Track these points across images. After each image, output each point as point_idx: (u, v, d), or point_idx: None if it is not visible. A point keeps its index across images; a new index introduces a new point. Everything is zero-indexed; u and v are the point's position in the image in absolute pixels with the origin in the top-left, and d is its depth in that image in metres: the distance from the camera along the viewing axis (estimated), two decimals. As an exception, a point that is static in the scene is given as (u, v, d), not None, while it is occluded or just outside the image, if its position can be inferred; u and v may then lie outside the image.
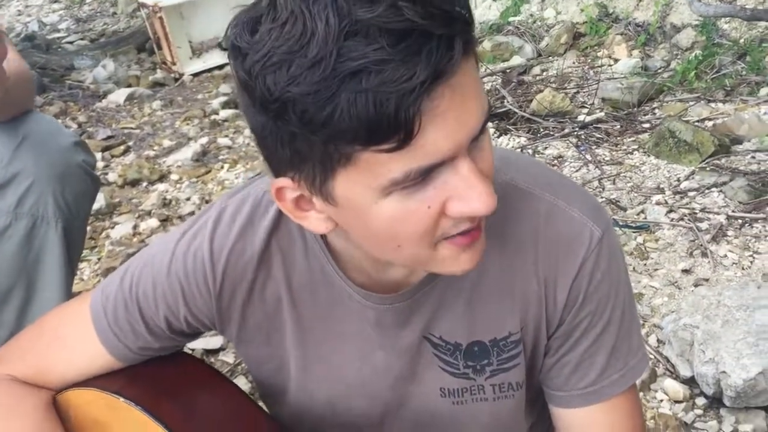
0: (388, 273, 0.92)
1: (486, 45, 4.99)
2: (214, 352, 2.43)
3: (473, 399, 0.99)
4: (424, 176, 0.72)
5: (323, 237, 0.93)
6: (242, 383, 2.24)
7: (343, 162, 0.71)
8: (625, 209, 3.16)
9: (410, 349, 0.97)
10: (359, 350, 0.99)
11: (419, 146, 0.69)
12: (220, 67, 5.38)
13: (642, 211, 3.13)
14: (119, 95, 5.11)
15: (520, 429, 1.07)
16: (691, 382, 2.21)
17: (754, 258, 2.73)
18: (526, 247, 0.92)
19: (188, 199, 3.75)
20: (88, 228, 3.47)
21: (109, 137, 4.53)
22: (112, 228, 3.52)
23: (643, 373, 1.00)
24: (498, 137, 3.94)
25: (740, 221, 2.93)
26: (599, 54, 4.78)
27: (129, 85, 5.34)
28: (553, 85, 4.40)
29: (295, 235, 0.94)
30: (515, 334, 0.96)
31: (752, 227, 2.88)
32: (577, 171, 3.51)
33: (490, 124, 4.05)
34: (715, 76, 4.01)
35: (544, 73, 4.68)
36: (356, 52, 0.65)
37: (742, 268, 2.69)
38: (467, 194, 0.74)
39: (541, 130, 3.93)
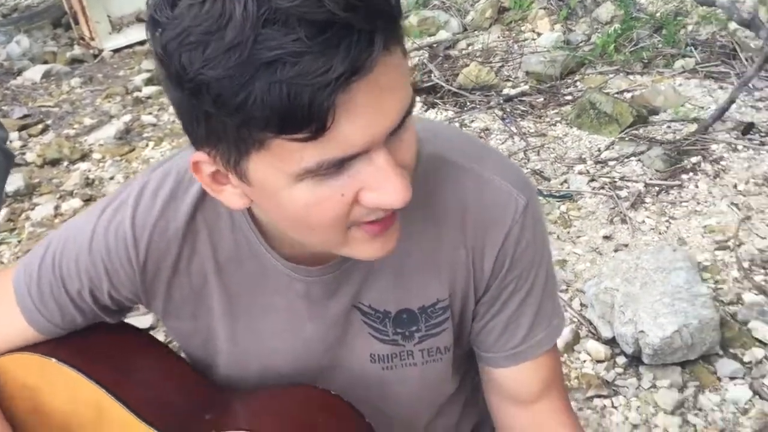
0: (312, 247, 0.92)
1: (412, 20, 5.00)
2: (145, 330, 2.40)
3: (402, 364, 1.01)
4: (338, 166, 0.72)
5: (249, 211, 0.93)
6: (174, 362, 2.22)
7: (257, 146, 0.70)
8: (549, 179, 3.25)
9: (340, 318, 0.99)
10: (289, 322, 0.99)
11: (333, 138, 0.68)
12: (142, 42, 5.22)
13: (565, 181, 3.23)
14: (35, 72, 4.92)
15: (447, 389, 1.10)
16: (612, 342, 2.31)
17: (670, 223, 2.85)
18: (453, 217, 0.94)
19: (112, 178, 3.66)
20: (7, 210, 3.35)
21: (25, 116, 4.37)
22: (32, 209, 3.41)
23: (562, 329, 1.04)
24: (425, 111, 3.97)
25: (657, 188, 3.05)
26: (523, 28, 4.85)
27: (45, 62, 5.14)
28: (479, 59, 4.46)
29: (221, 209, 0.93)
30: (443, 301, 0.98)
31: (668, 194, 3.01)
32: (503, 143, 3.58)
33: (417, 99, 4.09)
34: (633, 49, 4.13)
35: (470, 48, 4.73)
36: (273, 41, 0.64)
37: (659, 233, 2.81)
38: (382, 186, 0.74)
39: (468, 103, 3.99)
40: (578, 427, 1.06)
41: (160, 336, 2.39)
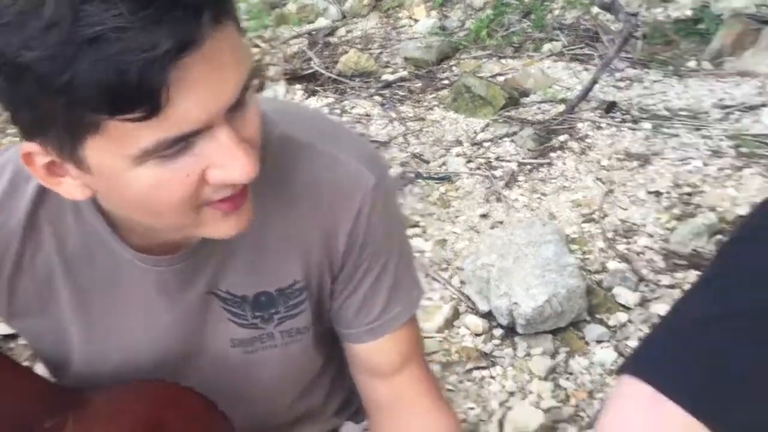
0: (164, 235, 0.91)
1: (291, 7, 4.98)
2: (12, 337, 2.30)
3: (263, 347, 1.02)
4: (179, 145, 0.71)
5: (96, 201, 0.91)
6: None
7: (92, 130, 0.68)
8: (428, 162, 3.33)
9: (197, 306, 0.98)
10: (146, 315, 0.98)
11: (169, 116, 0.67)
12: None
13: (444, 163, 3.31)
14: None
15: (311, 368, 1.12)
16: (489, 315, 2.40)
17: (541, 199, 2.99)
18: (306, 197, 0.95)
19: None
20: None
21: None
22: None
23: (420, 301, 1.08)
24: (306, 98, 3.97)
25: (529, 167, 3.19)
26: (400, 15, 4.93)
27: None
28: (358, 46, 4.49)
29: (66, 202, 0.90)
30: (300, 282, 0.99)
31: (539, 171, 3.15)
32: (383, 128, 3.63)
33: (298, 86, 4.09)
34: (504, 34, 4.28)
35: (349, 35, 4.76)
36: (95, 17, 0.62)
37: (531, 209, 2.94)
38: (227, 163, 0.73)
39: (348, 90, 4.02)
40: (437, 394, 1.11)
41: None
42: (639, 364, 0.85)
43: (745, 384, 0.82)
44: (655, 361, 0.84)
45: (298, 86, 4.08)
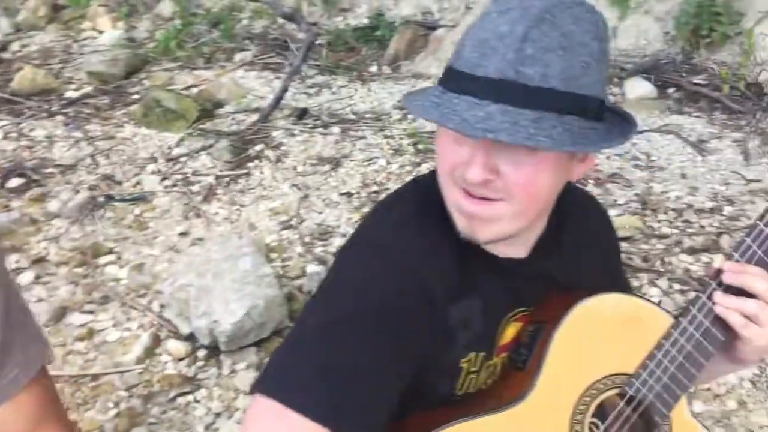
0: None
1: (-50, 20, 4.42)
2: None
3: None
4: None
5: None
6: None
7: None
8: (120, 183, 3.16)
9: None
10: None
11: None
12: None
13: (138, 183, 3.17)
14: None
15: None
16: (191, 337, 2.34)
17: (240, 211, 2.98)
18: None
19: None
20: None
21: None
22: None
23: (45, 356, 0.98)
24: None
25: (227, 179, 3.16)
26: (83, 26, 4.63)
27: None
28: (36, 62, 4.13)
29: None
30: None
31: (237, 183, 3.14)
32: (68, 150, 3.37)
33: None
34: (195, 44, 4.21)
35: (25, 49, 4.36)
36: None
37: (232, 222, 2.92)
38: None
39: (25, 110, 3.67)
40: None
41: None
42: (266, 382, 0.87)
43: (355, 385, 0.88)
44: (280, 377, 0.87)
45: (-38, 109, 3.64)
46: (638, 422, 1.07)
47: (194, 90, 3.85)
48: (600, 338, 1.06)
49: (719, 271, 1.01)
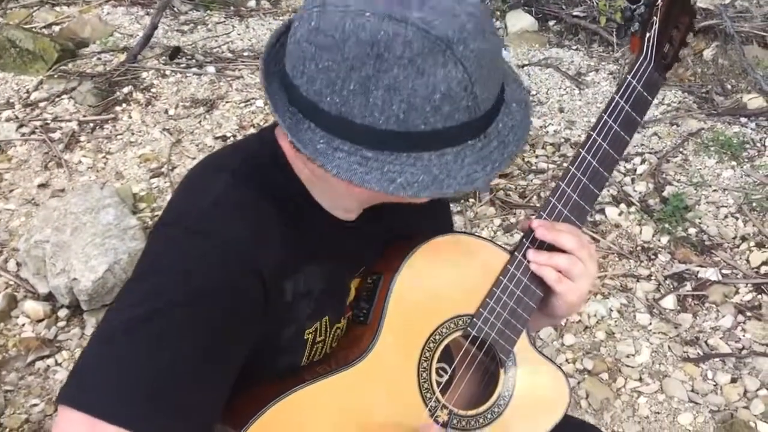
0: None
1: None
2: None
3: None
4: None
5: None
6: None
7: None
8: (-28, 132, 2.90)
9: None
10: None
11: None
12: None
13: (-8, 131, 2.91)
14: None
15: None
16: (50, 297, 2.19)
17: (107, 159, 2.80)
18: None
19: None
20: None
21: None
22: None
23: None
24: None
25: (91, 125, 2.95)
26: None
27: None
28: None
29: None
30: None
31: (103, 129, 2.94)
32: None
33: None
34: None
35: None
36: None
37: (97, 171, 2.74)
38: None
39: None
40: None
41: None
42: (72, 391, 0.77)
43: (174, 386, 0.80)
44: (88, 385, 0.77)
45: None
46: (484, 361, 1.06)
47: (56, 28, 3.56)
48: (439, 281, 1.02)
49: (530, 229, 1.00)
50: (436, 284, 1.02)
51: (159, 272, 0.82)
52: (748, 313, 2.15)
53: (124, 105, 3.06)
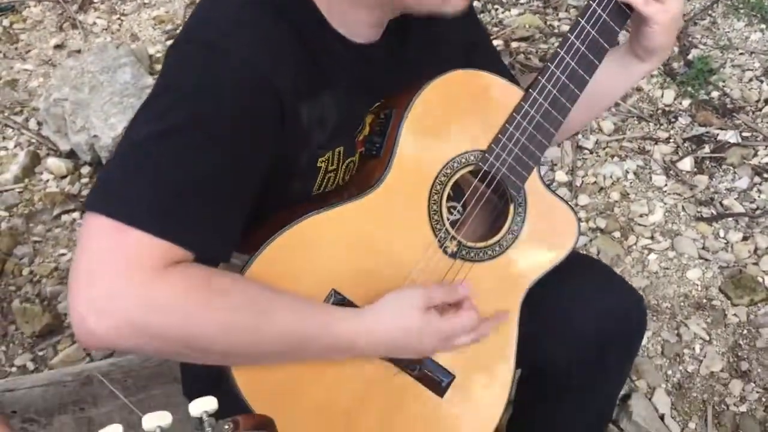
0: None
1: None
2: None
3: None
4: None
5: None
6: None
7: None
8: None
9: None
10: None
11: None
12: None
13: (5, -9, 2.87)
14: None
15: None
16: (72, 154, 2.23)
17: (122, 20, 2.76)
18: None
19: None
20: None
21: None
22: None
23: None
24: None
25: (105, -15, 2.89)
26: None
27: None
28: None
29: None
30: None
31: (117, -10, 2.88)
32: None
33: None
34: None
35: None
36: None
37: (112, 33, 2.71)
38: None
39: None
40: None
41: None
42: (98, 197, 0.80)
43: (198, 195, 0.82)
44: (113, 192, 0.80)
45: None
46: (493, 198, 1.08)
47: None
48: (452, 116, 1.02)
49: None
50: (450, 119, 1.02)
51: (173, 89, 0.84)
52: (765, 175, 2.14)
53: (135, -35, 2.98)
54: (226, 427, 0.55)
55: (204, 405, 0.56)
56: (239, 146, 0.83)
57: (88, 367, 1.40)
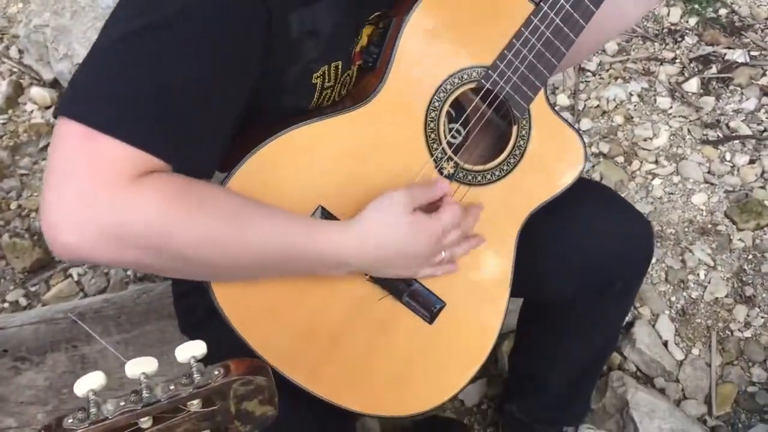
0: None
1: None
2: None
3: None
4: None
5: None
6: None
7: None
8: None
9: None
10: None
11: None
12: None
13: None
14: None
15: None
16: (56, 84, 2.15)
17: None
18: None
19: None
20: None
21: None
22: None
23: None
24: None
25: None
26: None
27: None
28: None
29: None
30: None
31: None
32: None
33: None
34: None
35: None
36: None
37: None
38: None
39: None
40: None
41: None
42: (67, 102, 0.74)
43: (177, 100, 0.76)
44: (83, 96, 0.74)
45: None
46: (496, 117, 1.02)
47: None
48: (455, 27, 0.95)
49: None
50: (452, 30, 0.95)
51: None
52: (774, 95, 2.08)
53: None
54: (216, 372, 0.51)
55: (191, 350, 0.52)
56: (224, 51, 0.77)
57: (80, 304, 1.37)
